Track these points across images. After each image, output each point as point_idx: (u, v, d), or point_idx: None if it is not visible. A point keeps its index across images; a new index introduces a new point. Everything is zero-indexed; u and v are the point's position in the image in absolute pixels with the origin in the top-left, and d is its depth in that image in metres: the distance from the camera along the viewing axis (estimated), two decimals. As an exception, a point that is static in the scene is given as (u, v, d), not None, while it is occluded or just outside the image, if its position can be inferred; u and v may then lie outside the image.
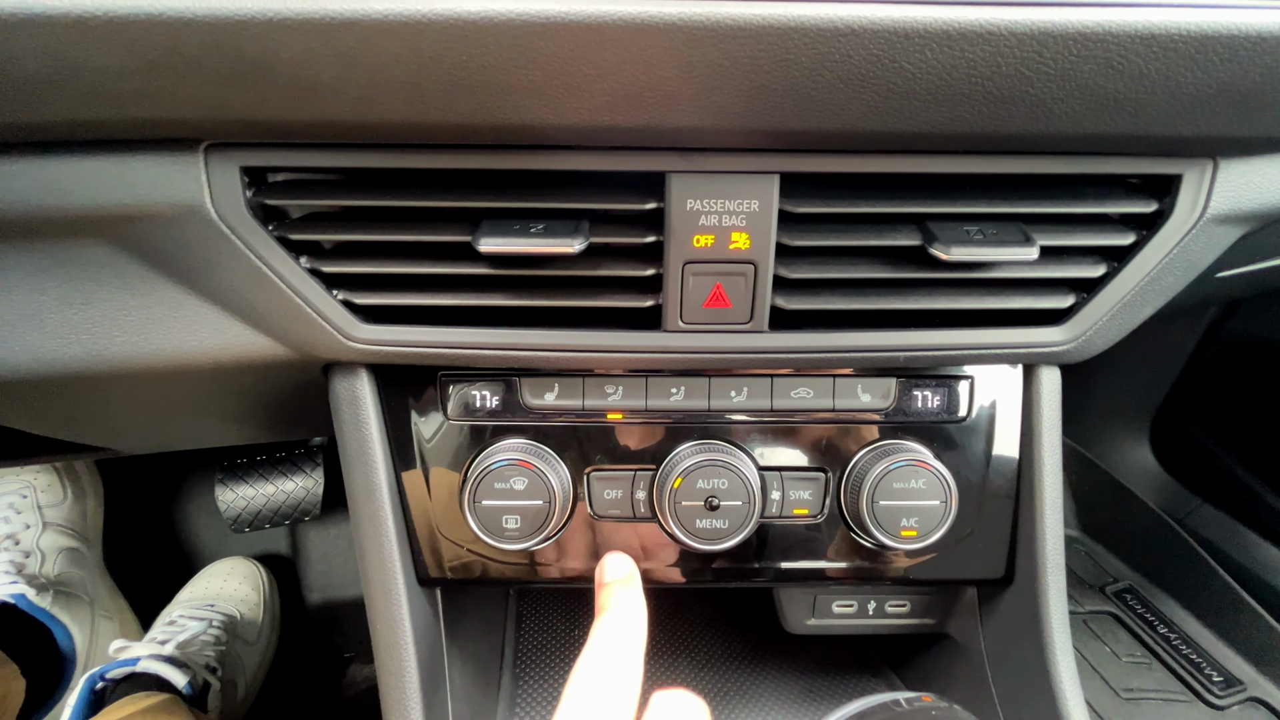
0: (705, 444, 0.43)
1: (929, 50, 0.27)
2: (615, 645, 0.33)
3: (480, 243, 0.34)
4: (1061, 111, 0.31)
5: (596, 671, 0.31)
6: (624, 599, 0.36)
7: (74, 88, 0.29)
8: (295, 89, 0.29)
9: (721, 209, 0.36)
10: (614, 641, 0.33)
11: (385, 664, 0.44)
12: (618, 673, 0.31)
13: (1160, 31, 0.27)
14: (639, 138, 0.33)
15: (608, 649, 0.32)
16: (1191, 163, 0.36)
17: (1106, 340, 0.41)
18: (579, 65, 0.28)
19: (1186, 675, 0.65)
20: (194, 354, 0.39)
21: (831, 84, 0.29)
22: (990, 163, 0.36)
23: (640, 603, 0.36)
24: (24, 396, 0.42)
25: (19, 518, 0.89)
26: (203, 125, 0.32)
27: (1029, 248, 0.35)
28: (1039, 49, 0.28)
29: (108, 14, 0.26)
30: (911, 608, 0.52)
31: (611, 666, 0.31)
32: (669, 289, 0.37)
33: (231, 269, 0.36)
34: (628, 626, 0.34)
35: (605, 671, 0.31)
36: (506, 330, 0.39)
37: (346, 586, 1.06)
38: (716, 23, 0.27)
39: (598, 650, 0.32)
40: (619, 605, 0.35)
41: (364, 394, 0.42)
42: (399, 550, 0.43)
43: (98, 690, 0.74)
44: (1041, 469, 0.44)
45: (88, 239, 0.35)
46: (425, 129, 0.32)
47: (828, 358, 0.40)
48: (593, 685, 0.30)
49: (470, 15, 0.26)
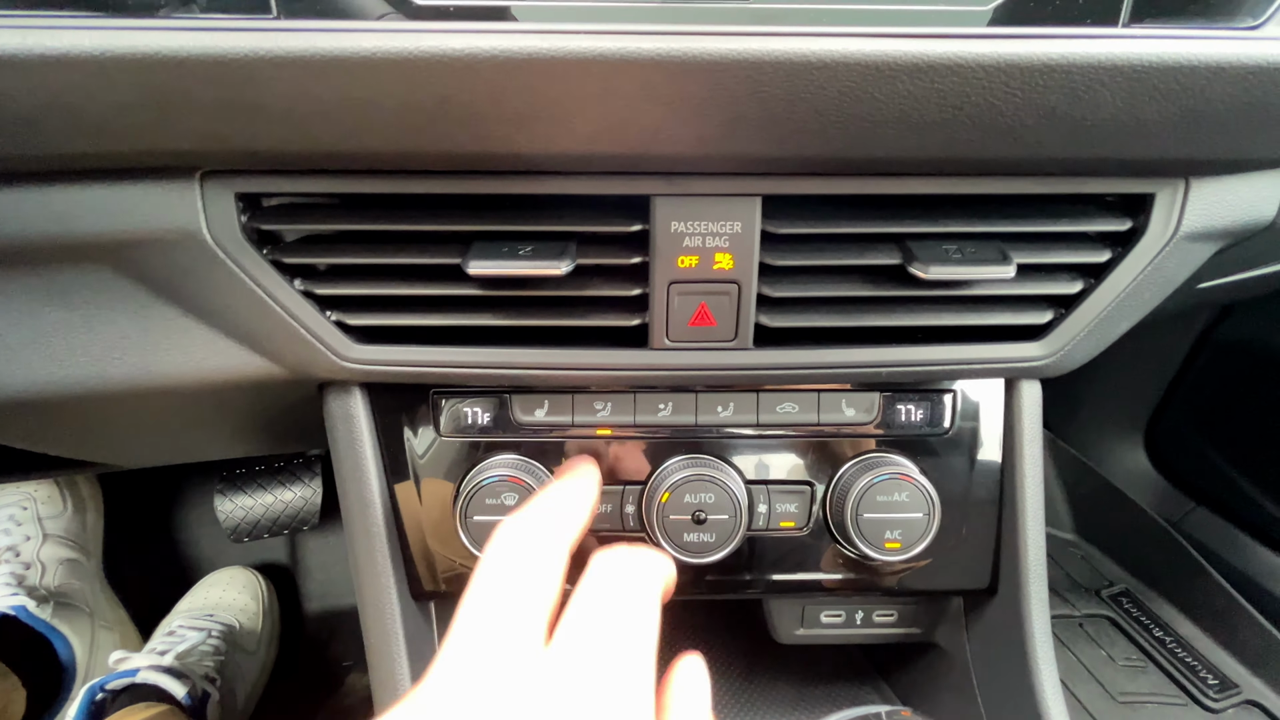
0: (693, 459, 0.44)
1: (899, 82, 0.28)
2: (546, 508, 0.29)
3: (470, 265, 0.35)
4: (1032, 138, 0.31)
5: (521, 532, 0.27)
6: (571, 477, 0.33)
7: (71, 123, 0.30)
8: (288, 122, 0.30)
9: (705, 230, 0.37)
10: (545, 505, 0.29)
11: (379, 677, 0.44)
12: (546, 536, 0.27)
13: (1123, 63, 0.28)
14: (623, 164, 0.34)
15: (537, 511, 0.29)
16: (1164, 182, 0.37)
17: (1085, 354, 0.42)
18: (562, 99, 0.29)
19: (1182, 678, 0.65)
20: (192, 375, 0.40)
21: (807, 114, 0.30)
22: (968, 184, 0.37)
23: (593, 481, 0.34)
24: (25, 418, 0.43)
25: (19, 529, 0.90)
26: (198, 155, 0.33)
27: (1006, 266, 0.36)
28: (1005, 80, 0.28)
29: (105, 54, 0.27)
30: (898, 617, 0.53)
31: (539, 530, 0.28)
32: (655, 308, 0.38)
33: (228, 292, 0.37)
34: (566, 495, 0.31)
35: (532, 533, 0.27)
36: (497, 349, 0.39)
37: (345, 596, 1.07)
38: (693, 57, 0.28)
39: (528, 511, 0.29)
40: (562, 481, 0.33)
41: (358, 412, 0.43)
42: (392, 565, 0.44)
43: (98, 701, 0.74)
44: (1023, 480, 0.45)
45: (87, 264, 0.36)
46: (415, 157, 0.33)
47: (812, 373, 0.41)
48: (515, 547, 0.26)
49: (455, 52, 0.27)
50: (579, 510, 0.31)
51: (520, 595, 0.24)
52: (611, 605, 0.24)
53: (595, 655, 0.23)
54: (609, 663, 0.22)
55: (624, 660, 0.23)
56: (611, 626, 0.24)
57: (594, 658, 0.23)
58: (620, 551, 0.27)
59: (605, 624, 0.24)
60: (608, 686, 0.22)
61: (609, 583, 0.25)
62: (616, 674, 0.22)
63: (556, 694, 0.21)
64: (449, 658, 0.23)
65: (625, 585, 0.25)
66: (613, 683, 0.22)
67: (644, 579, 0.26)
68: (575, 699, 0.21)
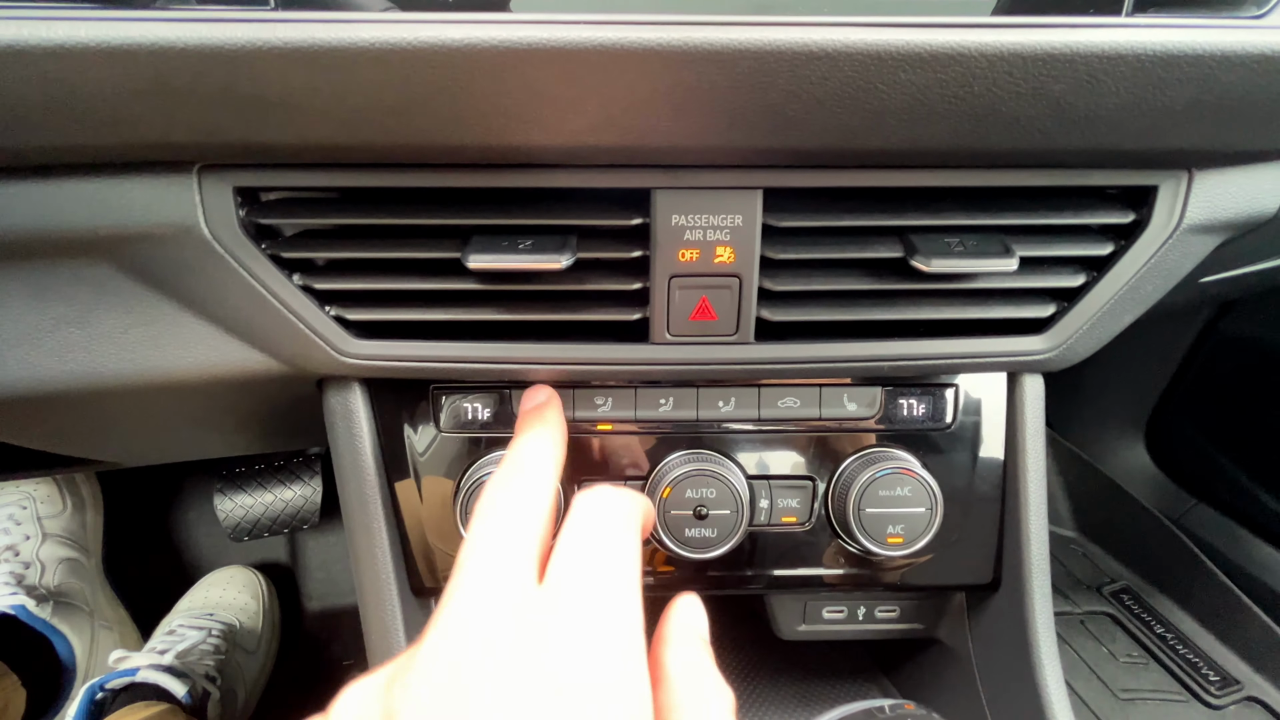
0: (694, 454, 0.44)
1: (902, 72, 0.28)
2: (523, 463, 0.31)
3: (470, 259, 0.35)
4: (1035, 128, 0.31)
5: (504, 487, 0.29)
6: (536, 421, 0.35)
7: (69, 115, 0.29)
8: (285, 114, 0.30)
9: (706, 224, 0.36)
10: (521, 460, 0.31)
11: (380, 674, 0.44)
12: (527, 487, 0.29)
13: (1127, 52, 0.28)
14: (624, 156, 0.34)
15: (514, 466, 0.30)
16: (1167, 174, 0.37)
17: (1088, 348, 0.42)
18: (562, 90, 0.29)
19: (1183, 675, 0.65)
20: (190, 370, 0.40)
21: (808, 105, 0.29)
22: (970, 176, 0.37)
23: (557, 422, 0.35)
24: (23, 414, 0.43)
25: (19, 529, 0.90)
26: (196, 148, 0.33)
27: (1008, 259, 0.36)
28: (1009, 69, 0.28)
29: (101, 45, 0.27)
30: (901, 613, 0.53)
31: (520, 482, 0.29)
32: (655, 302, 0.38)
33: (226, 287, 0.37)
34: (537, 446, 0.32)
35: (514, 487, 0.29)
36: (497, 344, 0.39)
37: (345, 594, 1.07)
38: (694, 47, 0.27)
39: (506, 468, 0.30)
40: (529, 429, 0.34)
41: (357, 407, 0.42)
42: (393, 561, 0.44)
43: (98, 700, 0.74)
44: (1026, 475, 0.45)
45: (85, 259, 0.36)
46: (414, 150, 0.33)
47: (813, 368, 0.40)
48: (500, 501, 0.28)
49: (454, 43, 0.27)
50: (553, 459, 0.33)
51: (511, 542, 0.26)
52: (595, 542, 0.26)
53: (585, 589, 0.24)
54: (598, 596, 0.24)
55: (612, 592, 0.24)
56: (597, 562, 0.25)
57: (584, 592, 0.24)
58: (597, 492, 0.29)
59: (591, 560, 0.25)
60: (599, 618, 0.23)
61: (590, 522, 0.27)
62: (606, 606, 0.24)
63: (552, 629, 0.23)
64: (448, 606, 0.24)
65: (606, 522, 0.27)
66: (604, 614, 0.24)
67: (622, 515, 0.28)
68: (570, 633, 0.23)
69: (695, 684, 0.25)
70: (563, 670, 0.22)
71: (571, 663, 0.22)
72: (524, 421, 0.37)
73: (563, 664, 0.22)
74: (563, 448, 0.34)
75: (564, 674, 0.22)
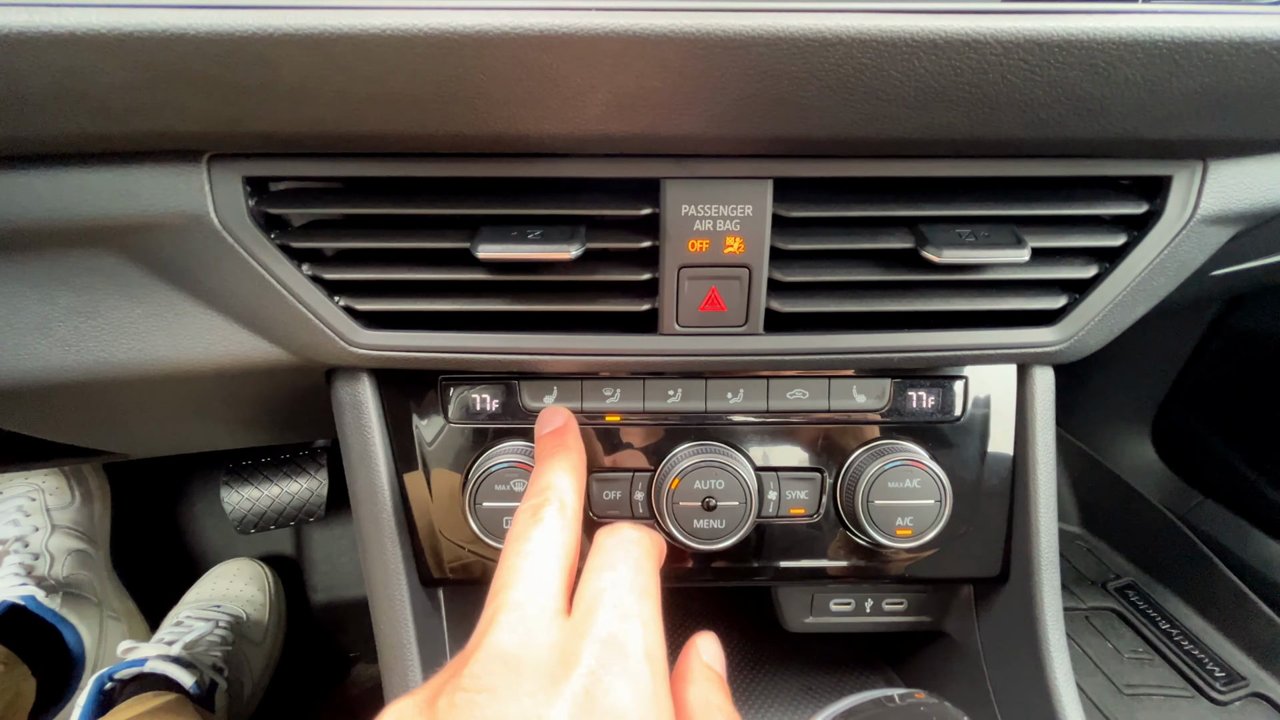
0: (702, 445, 0.44)
1: (916, 59, 0.28)
2: (549, 494, 0.32)
3: (479, 249, 0.35)
4: (1049, 116, 0.31)
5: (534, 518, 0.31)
6: (558, 448, 0.36)
7: (78, 103, 0.29)
8: (295, 102, 0.30)
9: (716, 214, 0.36)
10: (546, 490, 0.32)
11: (389, 664, 0.44)
12: (555, 520, 0.31)
13: (1144, 37, 0.28)
14: (634, 145, 0.34)
15: (541, 497, 0.32)
16: (1181, 164, 0.37)
17: (1099, 340, 0.41)
18: (573, 77, 0.29)
19: (1189, 671, 0.65)
20: (199, 360, 0.40)
21: (820, 92, 0.29)
22: (982, 166, 0.36)
23: (577, 448, 0.37)
24: (32, 403, 0.43)
25: (28, 520, 0.90)
26: (205, 137, 0.33)
27: (1020, 249, 0.36)
28: (1024, 56, 0.28)
29: (112, 31, 0.27)
30: (908, 606, 0.52)
31: (549, 514, 0.31)
32: (665, 293, 0.38)
33: (235, 277, 0.37)
34: (561, 476, 0.34)
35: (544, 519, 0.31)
36: (505, 335, 0.39)
37: (351, 587, 1.07)
38: (706, 34, 0.27)
39: (534, 498, 0.32)
40: (552, 457, 0.35)
41: (366, 398, 0.42)
42: (401, 551, 0.44)
43: (106, 690, 0.75)
44: (1036, 467, 0.45)
45: (95, 249, 0.36)
46: (424, 139, 0.33)
47: (823, 359, 0.40)
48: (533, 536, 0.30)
49: (465, 29, 0.27)
50: (577, 489, 0.34)
51: (544, 576, 0.28)
52: (617, 581, 0.28)
53: (614, 625, 0.26)
54: (626, 631, 0.26)
55: (639, 628, 0.27)
56: (624, 599, 0.28)
57: (614, 627, 0.26)
58: (619, 531, 0.31)
59: (618, 598, 0.28)
60: (628, 651, 0.26)
61: (614, 562, 0.29)
62: (634, 640, 0.26)
63: (585, 660, 0.25)
64: (490, 635, 0.26)
65: (629, 562, 0.29)
66: (633, 648, 0.26)
67: (644, 554, 0.30)
68: (602, 665, 0.25)
69: None
70: (598, 699, 0.24)
71: (605, 693, 0.24)
72: (545, 447, 0.37)
73: (597, 693, 0.24)
74: (584, 474, 0.36)
75: (599, 702, 0.24)
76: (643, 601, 0.28)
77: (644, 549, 0.30)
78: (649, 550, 0.30)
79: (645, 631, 0.26)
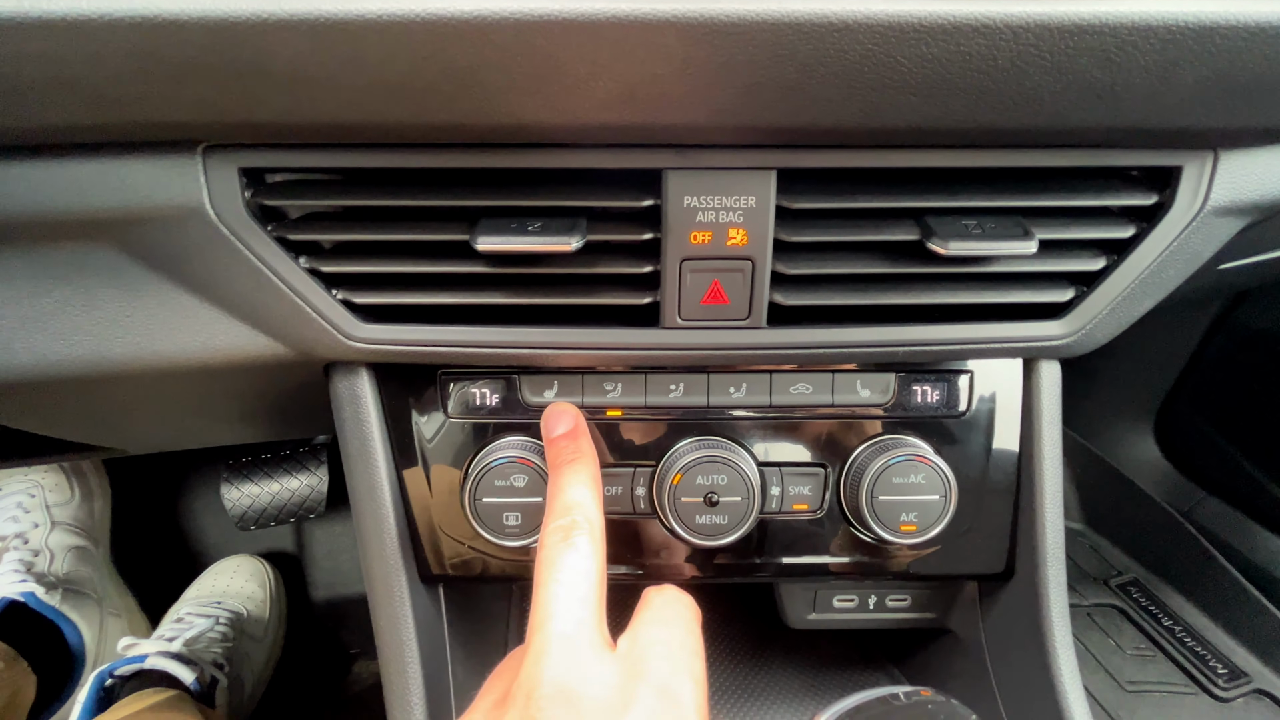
0: (705, 440, 0.43)
1: (924, 44, 0.27)
2: (574, 512, 0.33)
3: (478, 241, 0.34)
4: (1059, 104, 0.30)
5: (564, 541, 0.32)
6: (574, 456, 0.36)
7: (70, 91, 0.29)
8: (291, 90, 0.29)
9: (718, 205, 0.36)
10: (571, 508, 0.33)
11: (388, 660, 0.44)
12: (585, 542, 0.32)
13: (1158, 23, 0.27)
14: (636, 135, 0.33)
15: (568, 517, 0.33)
16: (1192, 155, 0.36)
17: (1107, 334, 0.41)
18: (574, 63, 0.28)
19: (1191, 668, 0.64)
20: (195, 355, 0.39)
21: (826, 80, 0.29)
22: (988, 156, 0.36)
23: (591, 455, 0.37)
24: (28, 398, 0.43)
25: (27, 517, 0.90)
26: (200, 127, 0.32)
27: (1027, 241, 0.35)
28: (1035, 42, 0.27)
29: (102, 16, 0.26)
30: (912, 602, 0.52)
31: (578, 536, 0.32)
32: (667, 286, 0.37)
33: (231, 270, 0.36)
34: (581, 489, 0.34)
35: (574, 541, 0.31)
36: (506, 328, 0.39)
37: (352, 583, 1.07)
38: (710, 19, 0.27)
39: (560, 519, 0.33)
40: (570, 469, 0.36)
41: (364, 393, 0.42)
42: (401, 548, 0.44)
43: (107, 687, 0.74)
44: (1042, 463, 0.44)
45: (89, 242, 0.36)
46: (422, 129, 0.32)
47: (826, 353, 0.40)
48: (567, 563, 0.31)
49: (463, 14, 0.26)
50: (598, 499, 0.35)
51: (584, 606, 0.30)
52: (670, 637, 0.30)
53: (665, 675, 0.28)
54: (675, 681, 0.28)
55: (688, 680, 0.28)
56: (674, 653, 0.29)
57: (664, 677, 0.28)
58: (666, 593, 0.33)
59: (668, 650, 0.29)
60: (678, 699, 0.27)
61: (664, 617, 0.31)
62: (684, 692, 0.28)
63: (638, 702, 0.27)
64: (542, 664, 0.27)
65: (679, 620, 0.31)
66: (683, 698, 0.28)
67: (691, 616, 0.32)
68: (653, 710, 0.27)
69: None
70: None
71: None
72: (559, 454, 0.37)
73: None
74: (600, 484, 0.37)
75: None
76: (694, 660, 0.29)
77: (694, 612, 0.32)
78: (697, 615, 0.33)
79: (695, 688, 0.28)
